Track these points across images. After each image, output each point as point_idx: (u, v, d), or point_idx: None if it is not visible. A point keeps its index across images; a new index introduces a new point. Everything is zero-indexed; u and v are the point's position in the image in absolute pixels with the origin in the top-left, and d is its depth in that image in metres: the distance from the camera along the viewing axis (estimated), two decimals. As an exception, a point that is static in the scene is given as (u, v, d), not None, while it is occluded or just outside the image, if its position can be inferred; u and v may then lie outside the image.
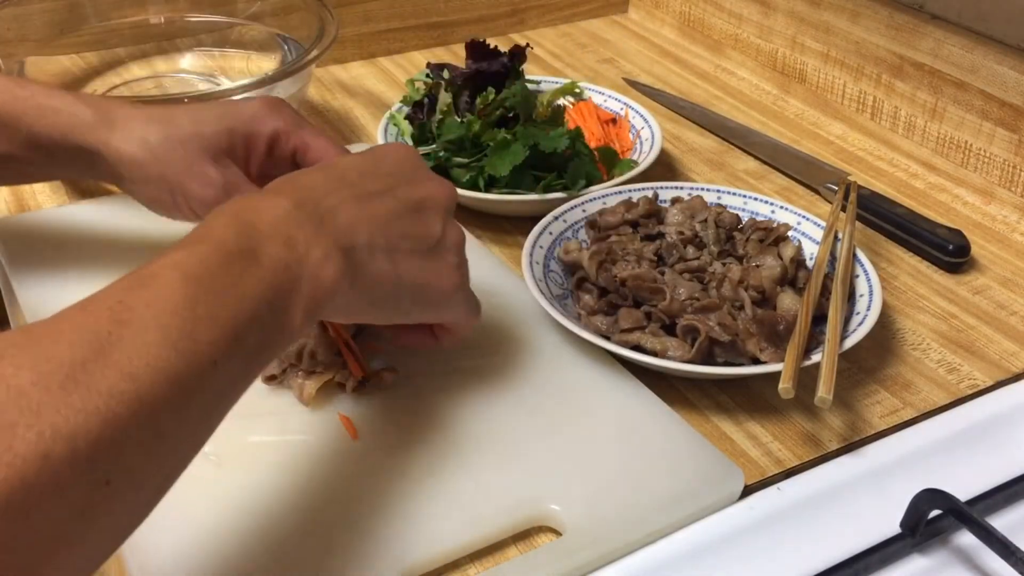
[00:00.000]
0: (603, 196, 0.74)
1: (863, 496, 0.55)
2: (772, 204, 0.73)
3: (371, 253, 0.48)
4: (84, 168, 0.62)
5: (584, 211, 0.73)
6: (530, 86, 0.85)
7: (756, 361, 0.60)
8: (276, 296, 0.42)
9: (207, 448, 0.55)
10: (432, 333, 0.58)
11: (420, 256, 0.51)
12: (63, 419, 0.33)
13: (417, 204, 0.52)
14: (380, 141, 0.81)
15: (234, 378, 0.41)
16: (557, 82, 0.89)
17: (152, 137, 0.59)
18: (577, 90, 0.88)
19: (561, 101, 0.87)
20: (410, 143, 0.82)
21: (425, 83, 0.84)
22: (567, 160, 0.76)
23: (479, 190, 0.76)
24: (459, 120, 0.79)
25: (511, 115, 0.80)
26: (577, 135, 0.78)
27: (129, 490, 0.36)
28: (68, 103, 0.61)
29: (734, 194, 0.74)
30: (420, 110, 0.82)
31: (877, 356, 0.65)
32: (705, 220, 0.69)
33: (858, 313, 0.63)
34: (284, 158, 0.61)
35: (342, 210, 0.48)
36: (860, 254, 0.67)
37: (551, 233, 0.70)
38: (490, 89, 0.80)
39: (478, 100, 0.80)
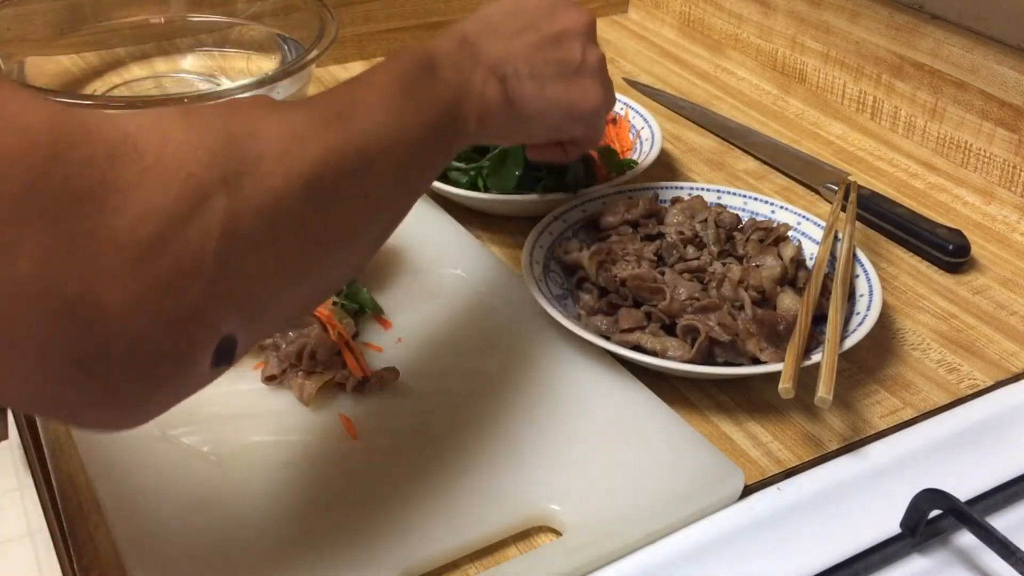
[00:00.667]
0: (603, 196, 0.74)
1: (863, 496, 0.55)
2: (772, 204, 0.73)
3: (519, 79, 0.58)
4: None
5: (584, 211, 0.73)
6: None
7: (756, 361, 0.60)
8: (453, 104, 0.53)
9: (207, 448, 0.55)
10: (563, 148, 0.68)
11: (565, 79, 0.61)
12: (333, 141, 0.42)
13: (557, 35, 0.61)
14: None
15: (435, 153, 0.53)
16: (557, 82, 0.89)
17: None
18: None
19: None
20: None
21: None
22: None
23: (479, 190, 0.76)
24: None
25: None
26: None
27: (380, 208, 0.47)
28: None
29: (734, 194, 0.74)
30: None
31: (877, 356, 0.65)
32: (705, 220, 0.70)
33: (858, 313, 0.63)
34: None
35: (492, 47, 0.58)
36: (860, 254, 0.67)
37: (551, 233, 0.70)
38: None
39: None
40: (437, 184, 0.76)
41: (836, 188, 0.79)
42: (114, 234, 0.31)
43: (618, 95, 0.89)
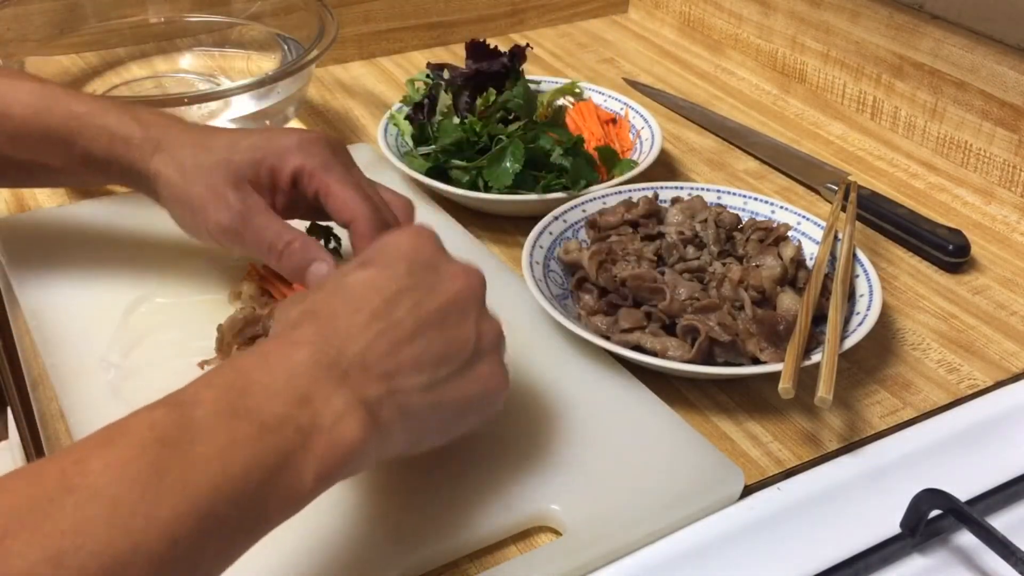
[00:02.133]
0: (603, 196, 0.74)
1: (863, 496, 0.55)
2: (772, 204, 0.73)
3: (409, 396, 0.45)
4: (133, 183, 0.63)
5: (584, 211, 0.73)
6: (530, 86, 0.85)
7: (756, 361, 0.60)
8: (276, 461, 0.38)
9: (207, 448, 0.55)
10: None
11: (460, 372, 0.47)
12: None
13: (445, 312, 0.47)
14: (380, 141, 0.81)
15: (208, 557, 0.36)
16: (557, 82, 0.89)
17: (188, 161, 0.60)
18: (577, 90, 0.88)
19: (561, 101, 0.87)
20: (410, 143, 0.82)
21: (425, 83, 0.84)
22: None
23: (479, 190, 0.76)
24: (457, 122, 0.79)
25: (512, 116, 0.80)
26: (577, 141, 0.79)
27: None
28: (121, 123, 0.61)
29: (734, 194, 0.74)
30: (420, 110, 0.82)
31: (877, 356, 0.65)
32: (705, 220, 0.69)
33: (858, 313, 0.63)
34: (306, 196, 0.60)
35: (371, 357, 0.44)
36: (860, 254, 0.67)
37: (551, 233, 0.70)
38: (491, 90, 0.80)
39: (478, 101, 0.80)
40: (437, 184, 0.76)
41: (836, 188, 0.79)
42: None
43: (618, 95, 0.90)
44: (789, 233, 0.70)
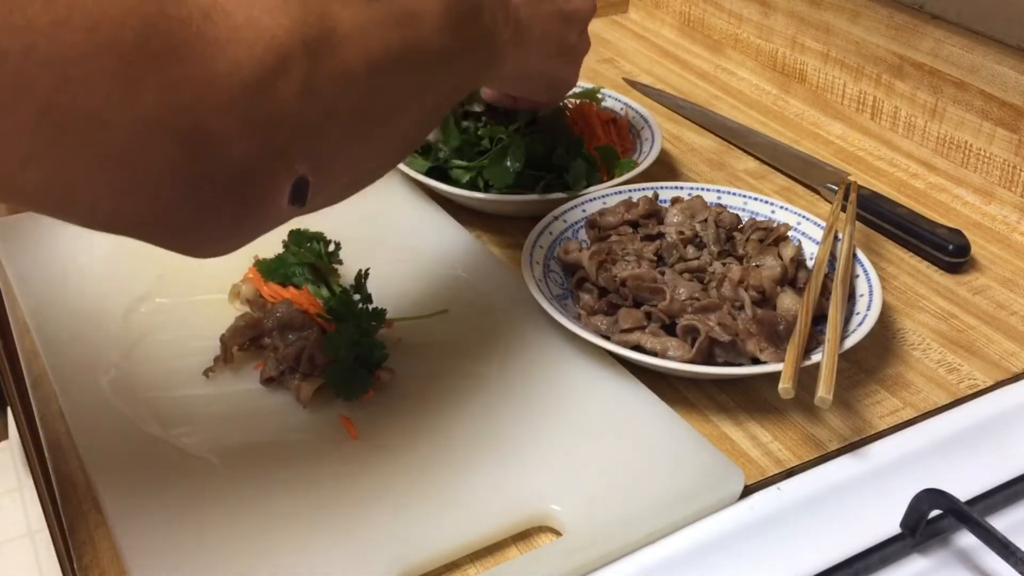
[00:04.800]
0: (603, 196, 0.74)
1: (863, 496, 0.55)
2: (772, 204, 0.73)
3: (530, 42, 0.63)
4: None
5: (584, 211, 0.73)
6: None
7: (756, 361, 0.60)
8: (488, 43, 0.57)
9: (207, 448, 0.55)
10: (515, 100, 0.75)
11: (555, 55, 0.69)
12: (398, 37, 0.47)
13: (568, 15, 0.68)
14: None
15: (468, 70, 0.57)
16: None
17: None
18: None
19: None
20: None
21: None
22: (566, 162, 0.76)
23: (479, 190, 0.76)
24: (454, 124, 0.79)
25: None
26: (577, 141, 0.78)
27: (422, 98, 0.52)
28: None
29: (734, 194, 0.74)
30: None
31: (877, 356, 0.65)
32: (705, 220, 0.70)
33: (858, 313, 0.63)
34: None
35: (521, 9, 0.62)
36: (860, 254, 0.67)
37: (551, 233, 0.70)
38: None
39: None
40: (437, 184, 0.76)
41: (836, 188, 0.79)
42: (214, 78, 0.38)
43: (618, 95, 0.90)
44: (789, 233, 0.70)
